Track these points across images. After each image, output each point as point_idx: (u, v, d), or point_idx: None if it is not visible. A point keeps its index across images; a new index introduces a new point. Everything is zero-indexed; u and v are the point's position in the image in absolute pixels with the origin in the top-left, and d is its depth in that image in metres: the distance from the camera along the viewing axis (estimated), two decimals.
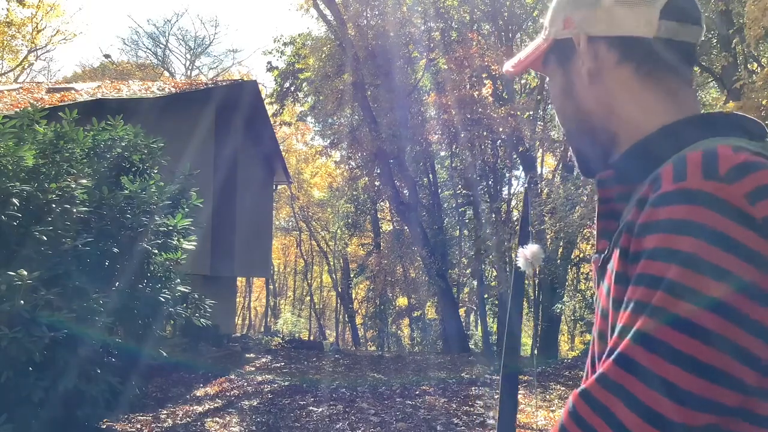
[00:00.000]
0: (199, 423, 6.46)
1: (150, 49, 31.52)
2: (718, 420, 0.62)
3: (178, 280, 5.57)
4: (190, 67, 31.24)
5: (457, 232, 19.10)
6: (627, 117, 0.80)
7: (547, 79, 0.93)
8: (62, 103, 8.27)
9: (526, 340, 24.82)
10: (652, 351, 0.62)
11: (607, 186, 0.81)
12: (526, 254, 1.01)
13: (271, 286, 28.80)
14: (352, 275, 22.70)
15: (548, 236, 15.79)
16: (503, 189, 19.04)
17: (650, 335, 0.62)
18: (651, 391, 0.61)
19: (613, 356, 0.65)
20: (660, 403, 0.61)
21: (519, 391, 8.34)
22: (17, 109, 6.10)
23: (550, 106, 14.63)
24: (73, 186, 4.82)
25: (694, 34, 0.80)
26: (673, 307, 0.62)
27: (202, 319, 5.80)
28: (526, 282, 21.33)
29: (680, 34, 0.79)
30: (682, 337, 0.61)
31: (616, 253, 0.71)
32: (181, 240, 5.69)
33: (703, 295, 0.61)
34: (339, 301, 25.95)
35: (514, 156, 17.20)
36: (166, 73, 29.92)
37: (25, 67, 24.82)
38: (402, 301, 20.03)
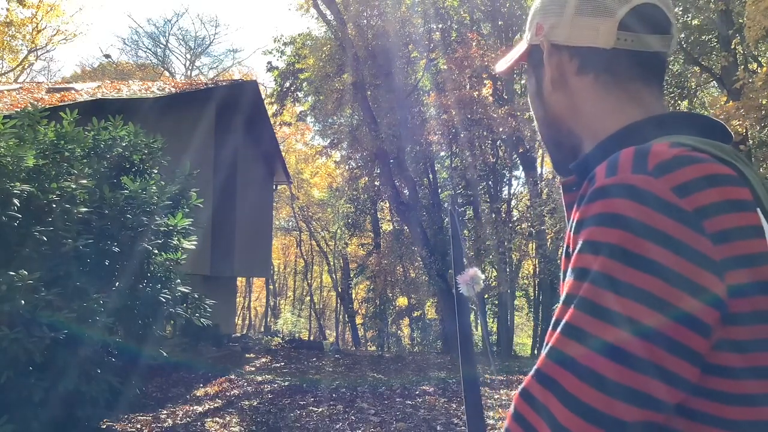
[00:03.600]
0: (199, 423, 6.46)
1: (150, 49, 31.54)
2: (655, 416, 0.62)
3: (178, 280, 5.57)
4: (190, 67, 31.25)
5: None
6: (589, 123, 0.81)
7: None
8: (62, 103, 8.27)
9: (526, 340, 24.82)
10: (582, 342, 0.62)
11: (569, 191, 0.83)
12: (465, 279, 1.02)
13: (271, 286, 28.80)
14: (352, 275, 22.70)
15: (548, 236, 15.81)
16: (503, 189, 19.05)
17: (579, 327, 0.63)
18: (583, 383, 0.61)
19: (545, 351, 0.65)
20: (591, 398, 0.60)
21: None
22: (17, 109, 6.10)
23: None
24: (74, 186, 4.82)
25: (661, 44, 0.80)
26: (598, 298, 0.62)
27: (202, 319, 5.80)
28: (526, 282, 21.36)
29: (642, 45, 0.79)
30: (608, 326, 0.61)
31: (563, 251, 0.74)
32: (182, 240, 5.70)
33: (628, 286, 0.61)
34: (339, 301, 25.94)
35: (514, 156, 17.21)
36: (166, 73, 29.93)
37: (25, 67, 24.83)
38: (402, 301, 20.02)
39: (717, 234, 0.62)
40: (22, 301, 4.05)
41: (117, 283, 5.07)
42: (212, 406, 7.23)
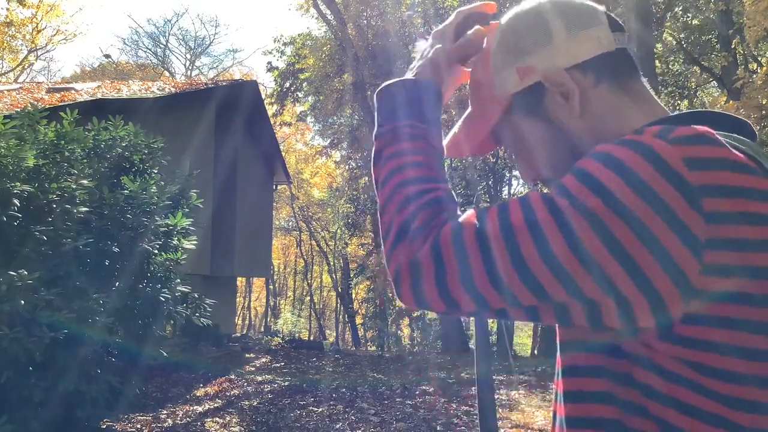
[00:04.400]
0: (199, 423, 6.46)
1: (150, 49, 31.56)
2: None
3: (178, 280, 5.57)
4: (190, 67, 31.26)
5: None
6: (612, 131, 0.80)
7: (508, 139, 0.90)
8: (62, 103, 8.28)
9: (526, 340, 24.82)
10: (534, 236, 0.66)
11: None
12: None
13: (271, 286, 28.80)
14: (352, 275, 22.70)
15: None
16: (503, 189, 19.05)
17: (540, 225, 0.66)
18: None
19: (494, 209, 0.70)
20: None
21: (520, 391, 8.35)
22: (17, 109, 6.11)
23: None
24: (74, 186, 4.82)
25: (626, 40, 0.83)
26: (572, 224, 0.65)
27: (202, 319, 5.80)
28: None
29: (623, 43, 0.82)
30: (564, 242, 0.64)
31: None
32: (182, 240, 5.70)
33: (604, 227, 0.63)
34: (339, 301, 25.95)
35: (514, 156, 17.18)
36: (166, 73, 29.93)
37: (25, 67, 24.85)
38: None
39: (714, 214, 0.63)
40: (22, 301, 4.05)
41: (117, 283, 5.07)
42: (212, 406, 7.23)
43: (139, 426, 6.12)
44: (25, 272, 4.09)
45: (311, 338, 23.16)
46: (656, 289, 0.63)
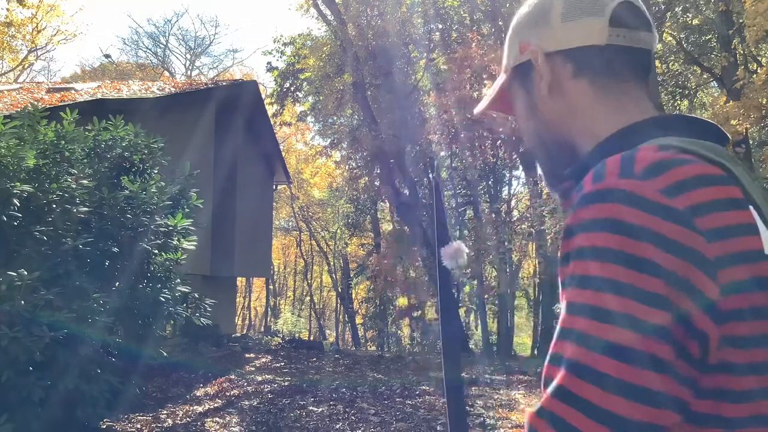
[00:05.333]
0: (199, 423, 6.46)
1: (150, 49, 31.55)
2: (668, 416, 0.62)
3: (178, 280, 5.58)
4: (190, 67, 31.25)
5: (457, 232, 19.11)
6: (585, 128, 0.81)
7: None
8: (62, 103, 8.28)
9: (526, 340, 24.83)
10: (594, 349, 0.62)
11: (567, 197, 0.82)
12: (449, 252, 1.02)
13: (271, 286, 28.80)
14: (352, 275, 22.70)
15: (548, 236, 15.80)
16: (503, 189, 19.06)
17: (587, 334, 0.63)
18: (602, 391, 0.61)
19: (558, 364, 0.64)
20: (612, 404, 0.60)
21: (520, 391, 8.35)
22: (17, 109, 6.10)
23: None
24: (74, 186, 4.83)
25: (646, 41, 0.82)
26: (600, 301, 0.62)
27: (202, 319, 5.80)
28: (526, 282, 21.37)
29: (630, 41, 0.80)
30: (614, 328, 0.61)
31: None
32: (182, 240, 5.70)
33: (634, 289, 0.61)
34: (339, 301, 25.96)
35: (514, 156, 17.20)
36: (166, 73, 29.93)
37: (25, 67, 24.84)
38: (402, 301, 20.03)
39: (710, 231, 0.62)
40: (22, 301, 4.05)
41: (117, 283, 5.07)
42: (212, 406, 7.23)
43: (139, 426, 6.12)
44: (25, 272, 4.09)
45: (311, 338, 23.16)
46: (694, 323, 0.61)
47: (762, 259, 0.64)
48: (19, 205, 4.51)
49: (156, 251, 5.43)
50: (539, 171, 0.93)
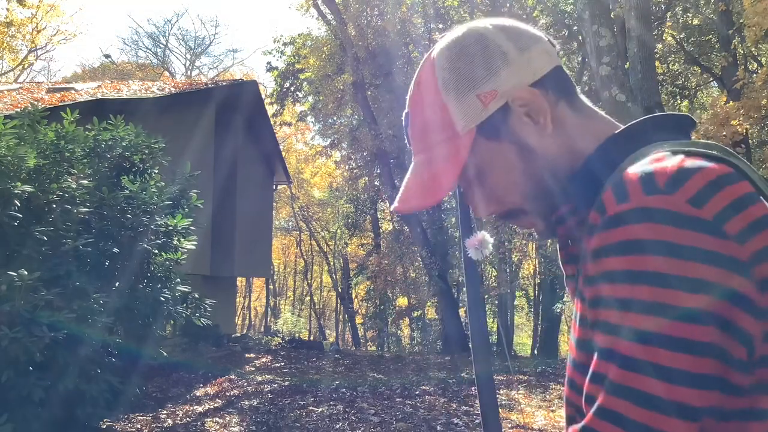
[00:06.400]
0: (199, 423, 6.46)
1: (150, 49, 31.56)
2: (720, 399, 0.63)
3: (178, 280, 5.58)
4: (190, 67, 31.26)
5: (458, 232, 19.12)
6: (577, 149, 0.80)
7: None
8: (62, 103, 8.28)
9: (526, 340, 24.83)
10: (644, 373, 0.63)
11: (563, 223, 0.82)
12: (474, 242, 1.01)
13: (271, 286, 28.80)
14: (352, 275, 22.70)
15: None
16: None
17: (637, 359, 0.63)
18: (644, 410, 0.62)
19: (606, 386, 0.65)
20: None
21: (520, 391, 8.35)
22: (17, 109, 6.10)
23: None
24: (74, 186, 4.83)
25: (558, 55, 0.85)
26: (646, 324, 0.62)
27: (202, 319, 5.80)
28: (525, 282, 21.37)
29: (559, 57, 0.83)
30: (665, 351, 0.62)
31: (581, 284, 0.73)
32: (182, 240, 5.70)
33: (678, 308, 0.61)
34: (339, 301, 25.96)
35: None
36: (166, 73, 29.93)
37: (25, 67, 24.85)
38: (402, 301, 20.03)
39: (738, 234, 0.62)
40: (22, 301, 4.05)
41: (117, 283, 5.07)
42: (212, 406, 7.23)
43: (139, 426, 6.12)
44: (25, 272, 4.09)
45: (311, 338, 23.16)
46: (740, 327, 0.62)
47: None
48: (19, 205, 4.51)
49: (156, 251, 5.43)
50: (535, 228, 0.87)
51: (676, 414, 0.61)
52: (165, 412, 6.82)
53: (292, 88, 19.50)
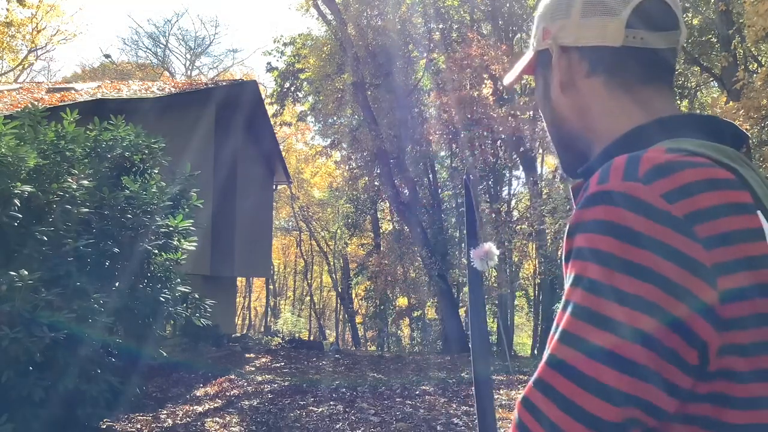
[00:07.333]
0: (199, 423, 6.46)
1: (150, 49, 31.53)
2: (650, 420, 0.63)
3: (178, 280, 5.58)
4: (190, 67, 31.25)
5: (458, 232, 19.12)
6: (599, 126, 0.81)
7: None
8: (62, 103, 8.28)
9: (526, 341, 24.82)
10: (577, 348, 0.63)
11: (576, 196, 0.82)
12: (480, 253, 1.01)
13: (271, 286, 28.80)
14: (352, 275, 22.69)
15: (548, 236, 15.81)
16: (503, 189, 19.05)
17: (574, 333, 0.64)
18: (578, 388, 0.63)
19: (543, 358, 0.67)
20: (587, 402, 0.62)
21: (520, 391, 8.34)
22: (18, 109, 6.11)
23: None
24: (74, 186, 4.83)
25: (670, 40, 0.80)
26: (592, 304, 0.63)
27: (202, 319, 5.81)
28: (526, 282, 21.36)
29: (651, 42, 0.78)
30: (602, 331, 0.62)
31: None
32: (182, 240, 5.70)
33: (621, 292, 0.62)
34: (339, 301, 25.95)
35: (514, 156, 17.21)
36: (166, 73, 29.92)
37: (25, 67, 24.85)
38: (402, 301, 20.02)
39: (710, 238, 0.61)
40: (23, 301, 4.05)
41: (117, 283, 5.07)
42: (212, 406, 7.24)
43: (139, 426, 6.12)
44: (26, 272, 4.09)
45: (311, 338, 23.15)
46: (693, 331, 0.61)
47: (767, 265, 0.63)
48: (19, 205, 4.51)
49: (156, 251, 5.43)
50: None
51: (600, 393, 0.61)
52: (165, 412, 6.82)
53: (292, 88, 19.50)
